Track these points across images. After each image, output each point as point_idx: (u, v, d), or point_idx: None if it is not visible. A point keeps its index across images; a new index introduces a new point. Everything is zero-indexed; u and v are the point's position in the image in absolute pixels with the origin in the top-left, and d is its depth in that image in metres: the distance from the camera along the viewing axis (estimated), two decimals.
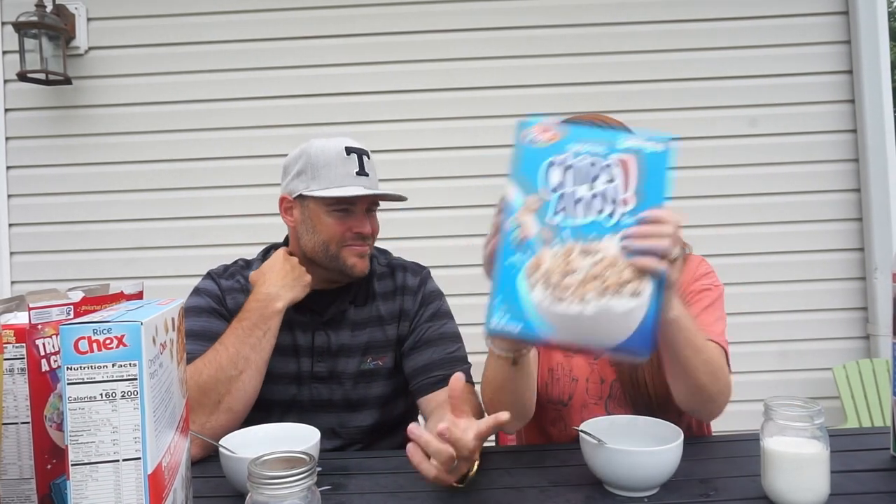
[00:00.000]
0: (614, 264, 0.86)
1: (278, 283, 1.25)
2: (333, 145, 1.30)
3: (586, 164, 0.89)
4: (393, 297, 1.39)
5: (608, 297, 0.84)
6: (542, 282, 0.86)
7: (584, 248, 0.87)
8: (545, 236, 0.88)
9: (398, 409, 1.41)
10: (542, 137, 0.90)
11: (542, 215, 0.88)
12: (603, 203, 0.88)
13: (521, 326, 0.86)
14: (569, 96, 2.58)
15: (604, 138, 0.90)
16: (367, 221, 1.32)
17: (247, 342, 1.19)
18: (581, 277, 0.85)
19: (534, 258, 0.87)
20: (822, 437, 0.88)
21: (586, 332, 0.86)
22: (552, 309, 0.85)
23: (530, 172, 0.90)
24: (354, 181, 1.28)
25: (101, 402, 0.61)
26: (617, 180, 0.88)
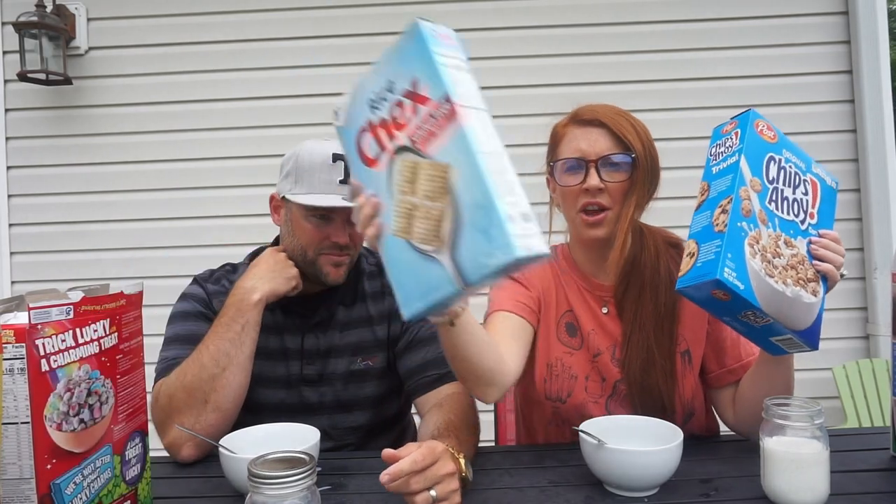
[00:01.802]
0: (803, 262, 0.99)
1: (256, 277, 1.24)
2: (323, 150, 1.27)
3: (792, 171, 1.02)
4: (382, 298, 1.37)
5: (801, 288, 0.97)
6: (760, 254, 0.95)
7: (786, 239, 0.99)
8: (762, 217, 0.97)
9: (391, 410, 1.41)
10: (767, 133, 1.02)
11: (762, 198, 0.98)
12: (799, 208, 1.02)
13: (745, 286, 0.92)
14: (569, 96, 2.56)
15: (803, 157, 1.05)
16: (346, 231, 1.28)
17: (226, 337, 1.18)
18: (785, 263, 0.97)
19: (755, 231, 0.96)
20: (822, 437, 0.88)
21: (784, 310, 0.95)
22: (765, 280, 0.94)
23: (757, 158, 1.00)
24: (335, 189, 1.25)
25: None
26: (809, 195, 1.03)
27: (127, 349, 0.90)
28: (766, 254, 0.95)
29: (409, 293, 0.82)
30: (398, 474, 0.83)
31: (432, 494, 0.86)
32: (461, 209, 0.74)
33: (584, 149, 1.16)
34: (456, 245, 0.75)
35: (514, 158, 1.19)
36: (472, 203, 0.74)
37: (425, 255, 0.78)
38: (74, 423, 0.79)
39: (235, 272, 1.38)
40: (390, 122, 0.81)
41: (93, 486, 0.82)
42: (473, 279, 0.74)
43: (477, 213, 0.73)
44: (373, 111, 0.83)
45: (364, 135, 0.84)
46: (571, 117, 1.25)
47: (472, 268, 0.74)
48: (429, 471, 0.86)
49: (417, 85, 0.80)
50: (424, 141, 0.77)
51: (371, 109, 0.83)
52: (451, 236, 0.76)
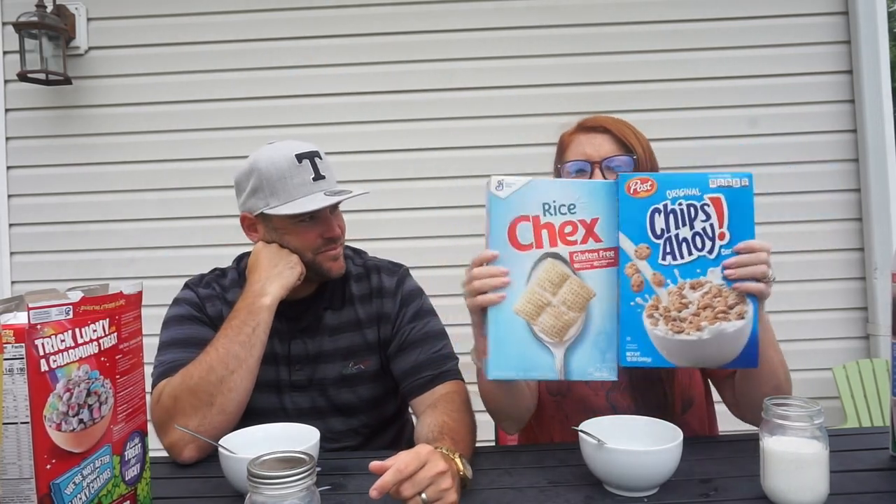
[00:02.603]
0: (720, 293, 0.98)
1: (262, 277, 1.24)
2: (283, 155, 1.25)
3: (684, 208, 0.99)
4: (370, 300, 1.37)
5: (720, 322, 0.98)
6: (663, 318, 0.98)
7: (692, 283, 0.99)
8: (658, 280, 0.99)
9: (389, 410, 1.41)
10: (642, 189, 0.99)
11: (652, 261, 0.99)
12: (703, 240, 0.99)
13: (651, 358, 0.99)
14: (569, 96, 2.58)
15: (694, 182, 1.00)
16: (335, 223, 1.30)
17: (236, 340, 1.18)
18: (694, 309, 0.98)
19: (652, 299, 0.99)
20: (822, 437, 0.88)
21: (706, 354, 0.99)
22: (674, 339, 0.98)
23: (637, 222, 0.99)
24: (313, 188, 1.25)
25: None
26: (712, 218, 0.99)
27: (126, 349, 0.90)
28: (669, 314, 0.98)
29: (506, 360, 1.01)
30: (385, 487, 0.84)
31: (423, 498, 0.86)
32: (589, 328, 1.02)
33: (589, 153, 1.24)
34: (572, 349, 1.02)
35: (516, 158, 1.19)
36: (600, 329, 1.02)
37: (539, 342, 1.02)
38: (74, 423, 0.79)
39: (225, 276, 1.38)
40: (557, 230, 1.02)
41: (92, 486, 0.82)
42: (574, 378, 1.03)
43: (601, 337, 1.02)
44: (545, 212, 1.02)
45: (524, 222, 1.02)
46: (577, 126, 1.31)
47: (578, 371, 1.02)
48: (417, 475, 0.86)
49: (596, 224, 1.03)
50: (581, 264, 1.02)
51: (543, 209, 1.02)
52: (570, 341, 1.02)
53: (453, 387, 1.26)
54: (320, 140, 1.55)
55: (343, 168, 2.33)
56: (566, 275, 1.01)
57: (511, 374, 1.02)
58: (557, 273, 1.01)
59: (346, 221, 1.37)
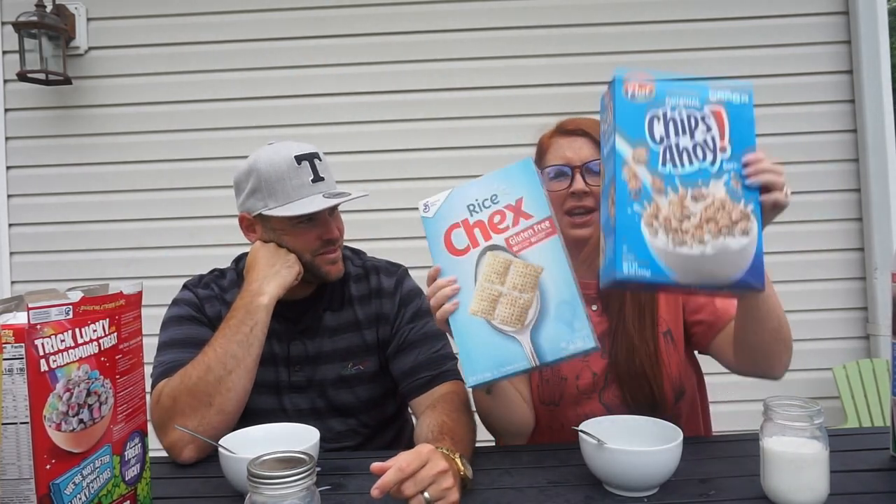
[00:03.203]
0: (724, 206, 0.93)
1: (260, 277, 1.23)
2: (282, 156, 1.25)
3: (684, 116, 0.94)
4: (369, 301, 1.36)
5: (723, 237, 0.92)
6: (663, 228, 0.91)
7: (694, 193, 0.93)
8: (657, 185, 0.92)
9: (389, 411, 1.41)
10: (640, 92, 0.94)
11: (651, 165, 0.93)
12: (704, 151, 0.94)
13: (650, 271, 0.90)
14: (569, 96, 2.57)
15: (694, 90, 0.95)
16: (334, 225, 1.29)
17: (234, 339, 1.18)
18: (697, 221, 0.92)
19: (651, 206, 0.92)
20: (822, 437, 0.88)
21: (708, 271, 0.92)
22: (676, 252, 0.91)
23: (635, 125, 0.94)
24: (312, 190, 1.24)
25: None
26: (713, 130, 0.94)
27: (126, 349, 0.89)
28: (669, 223, 0.91)
29: (478, 364, 1.01)
30: (386, 486, 0.84)
31: (425, 497, 0.86)
32: (547, 302, 1.00)
33: (569, 156, 1.24)
34: (537, 330, 0.99)
35: (515, 158, 1.19)
36: (559, 300, 1.00)
37: (503, 334, 1.00)
38: (74, 423, 0.79)
39: (224, 277, 1.38)
40: (487, 224, 1.04)
41: (92, 486, 0.82)
42: (549, 359, 0.99)
43: (563, 308, 0.99)
44: (471, 213, 1.05)
45: (456, 230, 1.05)
46: (556, 129, 1.31)
47: (550, 350, 0.99)
48: (418, 474, 0.86)
49: (522, 203, 1.04)
50: (520, 245, 1.02)
51: (469, 211, 1.05)
52: (532, 322, 0.99)
53: (452, 387, 1.26)
54: (320, 140, 1.55)
55: (343, 168, 2.34)
56: (508, 260, 1.01)
57: (487, 376, 1.00)
58: (500, 262, 1.02)
59: (345, 222, 1.37)
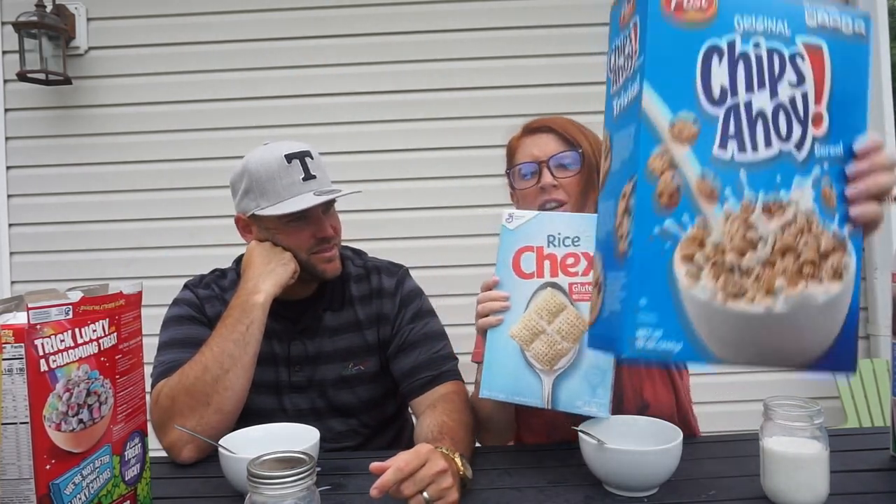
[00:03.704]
0: (810, 226, 0.56)
1: (255, 275, 1.23)
2: (273, 156, 1.25)
3: (764, 54, 0.57)
4: (370, 301, 1.36)
5: (806, 282, 0.56)
6: (710, 265, 0.55)
7: (767, 202, 0.56)
8: (709, 188, 0.55)
9: (389, 411, 1.41)
10: (693, 5, 0.55)
11: (702, 147, 0.55)
12: (789, 122, 0.57)
13: (681, 344, 0.55)
14: (569, 96, 2.57)
15: (784, 8, 0.57)
16: (327, 223, 1.29)
17: (230, 339, 1.17)
18: (767, 253, 0.55)
19: (694, 227, 0.55)
20: (822, 437, 0.88)
21: (773, 344, 0.57)
22: (727, 310, 0.55)
23: (679, 71, 0.55)
24: (302, 188, 1.24)
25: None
26: (807, 83, 0.57)
27: (126, 349, 0.89)
28: (721, 260, 0.55)
29: (496, 382, 1.03)
30: (386, 485, 0.84)
31: (425, 496, 0.86)
32: (581, 359, 0.99)
33: (535, 153, 1.25)
34: (562, 378, 0.99)
35: None
36: (593, 362, 0.97)
37: (530, 368, 1.01)
38: (73, 423, 0.79)
39: (225, 277, 1.38)
40: (559, 261, 1.01)
41: (92, 486, 0.82)
42: (560, 408, 0.99)
43: (593, 371, 0.98)
44: (548, 243, 1.02)
45: (528, 252, 1.03)
46: (522, 129, 1.32)
47: (565, 402, 0.99)
48: (418, 474, 0.86)
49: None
50: (580, 296, 0.99)
51: (547, 241, 1.02)
52: (561, 371, 1.00)
53: (453, 387, 1.26)
54: (319, 140, 1.55)
55: (342, 168, 2.34)
56: (563, 305, 1.02)
57: (500, 396, 1.03)
58: (555, 303, 1.02)
59: (345, 222, 1.37)
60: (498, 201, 2.46)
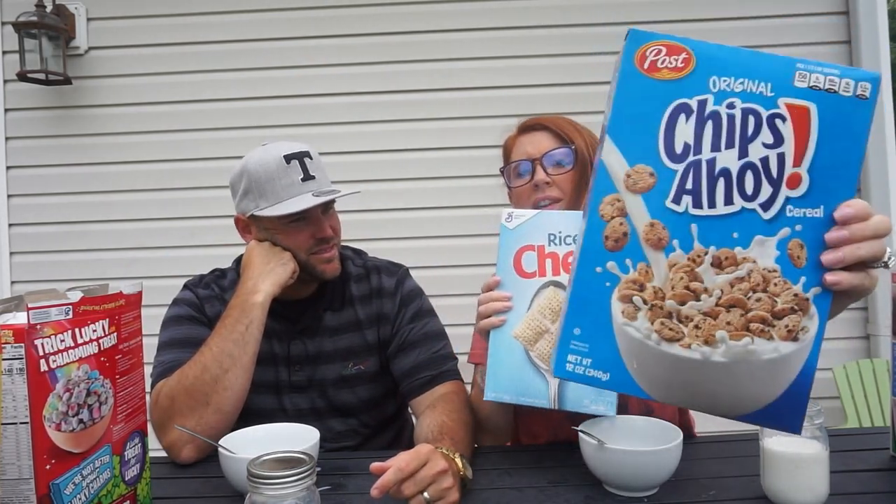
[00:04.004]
0: (766, 284, 0.57)
1: (255, 275, 1.23)
2: (272, 156, 1.25)
3: (738, 114, 0.57)
4: (370, 301, 1.36)
5: (751, 337, 0.57)
6: (648, 308, 0.58)
7: (718, 255, 0.57)
8: (657, 236, 0.58)
9: (389, 411, 1.41)
10: (668, 64, 0.57)
11: (655, 198, 0.58)
12: (757, 182, 0.57)
13: (608, 374, 0.59)
14: (569, 96, 2.57)
15: (769, 68, 0.56)
16: (327, 224, 1.29)
17: (229, 338, 1.17)
18: (711, 304, 0.57)
19: (638, 268, 0.59)
20: (822, 437, 0.88)
21: (707, 389, 0.58)
22: (660, 351, 0.58)
23: (643, 124, 0.58)
24: (301, 189, 1.24)
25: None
26: (785, 144, 0.57)
27: (126, 349, 0.89)
28: (661, 302, 0.57)
29: (501, 383, 1.01)
30: (386, 486, 0.84)
31: (425, 497, 0.86)
32: None
33: (529, 151, 1.25)
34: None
35: None
36: None
37: (536, 368, 1.00)
38: (73, 423, 0.79)
39: (224, 277, 1.38)
40: (561, 260, 0.99)
41: (92, 486, 0.82)
42: (568, 408, 0.98)
43: None
44: (549, 242, 1.01)
45: (529, 251, 1.01)
46: (517, 129, 1.32)
47: (572, 402, 0.98)
48: (418, 474, 0.86)
49: None
50: None
51: (548, 240, 1.01)
52: None
53: (452, 387, 1.26)
54: (319, 140, 1.55)
55: (342, 168, 2.34)
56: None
57: (506, 398, 1.02)
58: (559, 301, 1.00)
59: (345, 222, 1.37)
60: (498, 201, 2.46)
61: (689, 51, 0.57)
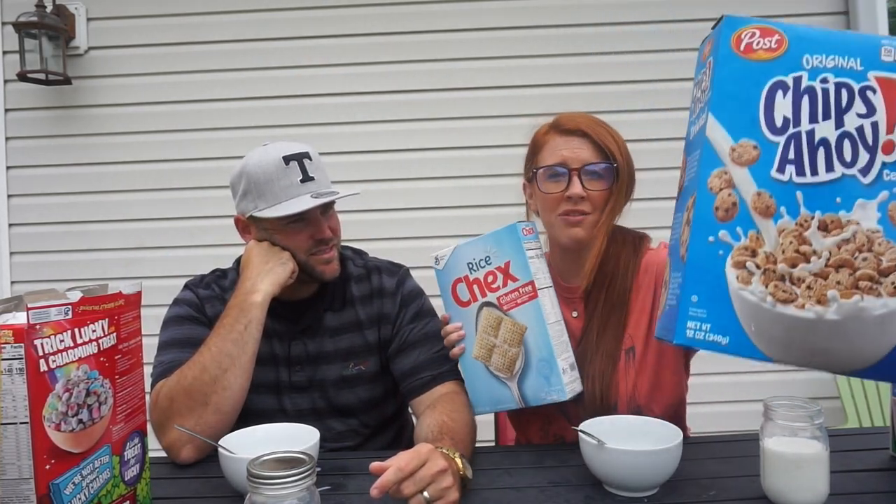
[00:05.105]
0: (871, 244, 0.61)
1: (254, 275, 1.23)
2: (271, 157, 1.25)
3: (832, 88, 0.62)
4: (370, 301, 1.36)
5: (862, 295, 0.60)
6: (762, 272, 0.62)
7: (824, 220, 0.61)
8: (764, 204, 0.62)
9: (389, 411, 1.40)
10: (763, 46, 0.63)
11: (760, 170, 0.62)
12: (854, 149, 0.61)
13: (728, 338, 0.63)
14: (568, 96, 2.57)
15: (857, 46, 0.62)
16: (326, 225, 1.28)
17: (228, 339, 1.17)
18: (821, 266, 0.61)
19: (749, 236, 0.62)
20: (822, 437, 0.88)
21: (822, 347, 0.61)
22: (776, 312, 0.61)
23: (744, 101, 0.63)
24: (300, 190, 1.24)
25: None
26: (878, 114, 0.61)
27: (126, 349, 0.89)
28: (773, 266, 0.61)
29: (478, 400, 1.20)
30: (386, 485, 0.84)
31: (425, 496, 0.86)
32: (530, 357, 1.11)
33: (566, 157, 1.19)
34: (522, 379, 1.12)
35: (512, 159, 1.19)
36: (538, 356, 1.09)
37: (498, 379, 1.15)
38: (73, 423, 0.79)
39: (225, 277, 1.38)
40: (483, 282, 1.14)
41: (92, 486, 0.82)
42: (532, 404, 1.12)
43: (542, 364, 1.09)
44: (470, 270, 1.16)
45: (460, 283, 1.17)
46: (552, 126, 1.26)
47: (532, 397, 1.12)
48: (418, 473, 0.86)
49: (510, 266, 1.11)
50: (508, 304, 1.12)
51: (469, 269, 1.16)
52: (519, 372, 1.12)
53: (453, 387, 1.26)
54: (319, 140, 1.55)
55: (342, 168, 2.34)
56: (500, 317, 1.14)
57: (487, 409, 1.20)
58: (493, 318, 1.15)
59: (345, 222, 1.37)
60: (498, 201, 2.47)
61: (781, 33, 0.64)
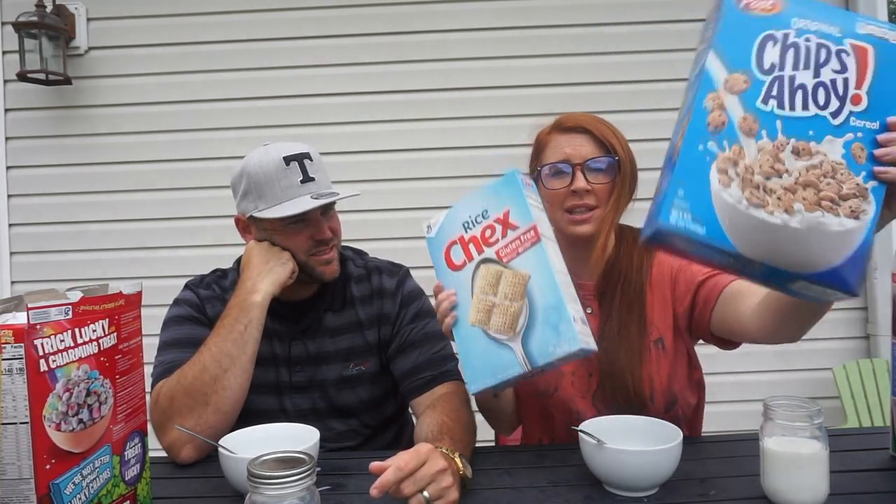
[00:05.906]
0: (834, 172, 0.72)
1: (254, 275, 1.23)
2: (271, 158, 1.25)
3: (813, 46, 0.75)
4: (370, 301, 1.36)
5: (822, 212, 0.71)
6: (740, 179, 0.72)
7: (797, 146, 0.72)
8: (749, 125, 0.73)
9: (389, 411, 1.41)
10: (760, 5, 0.76)
11: (748, 99, 0.74)
12: (827, 96, 0.74)
13: (705, 228, 0.72)
14: (568, 96, 2.57)
15: (838, 18, 0.75)
16: (326, 226, 1.28)
17: (228, 338, 1.17)
18: (790, 182, 0.71)
19: (733, 148, 0.73)
20: (822, 437, 0.88)
21: (784, 249, 0.72)
22: (749, 213, 0.71)
23: (740, 45, 0.75)
24: (300, 191, 1.24)
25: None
26: (849, 71, 0.74)
27: (126, 349, 0.90)
28: (751, 176, 0.72)
29: (477, 372, 1.03)
30: (386, 485, 0.84)
31: (425, 496, 0.86)
32: (535, 308, 0.98)
33: (569, 153, 1.21)
34: (527, 336, 0.98)
35: (513, 159, 1.20)
36: (545, 305, 0.97)
37: (498, 342, 1.01)
38: (73, 423, 0.79)
39: (226, 277, 1.38)
40: (480, 238, 1.05)
41: (92, 486, 0.82)
42: (539, 363, 0.97)
43: (549, 313, 0.96)
44: (465, 229, 1.07)
45: (454, 246, 1.08)
46: (554, 125, 1.28)
47: (539, 354, 0.97)
48: (418, 473, 0.87)
49: (509, 215, 1.03)
50: (509, 255, 1.02)
51: (464, 228, 1.08)
52: (523, 329, 0.99)
53: (453, 387, 1.26)
54: (319, 140, 1.55)
55: (342, 168, 2.34)
56: (499, 271, 1.04)
57: (487, 382, 1.02)
58: (492, 273, 1.04)
59: (345, 222, 1.37)
60: None
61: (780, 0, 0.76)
